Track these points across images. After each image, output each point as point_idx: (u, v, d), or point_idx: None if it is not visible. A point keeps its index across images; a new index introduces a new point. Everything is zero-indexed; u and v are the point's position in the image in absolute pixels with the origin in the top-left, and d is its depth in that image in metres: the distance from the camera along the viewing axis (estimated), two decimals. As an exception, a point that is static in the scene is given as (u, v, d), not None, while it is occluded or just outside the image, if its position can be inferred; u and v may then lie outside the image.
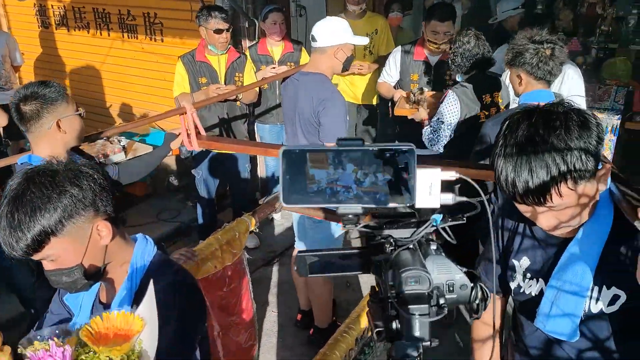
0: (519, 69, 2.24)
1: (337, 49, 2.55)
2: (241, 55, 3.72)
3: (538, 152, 1.02)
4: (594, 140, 1.03)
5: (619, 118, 4.79)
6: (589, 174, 1.03)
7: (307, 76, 2.61)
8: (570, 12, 5.72)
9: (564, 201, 1.04)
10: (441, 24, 3.28)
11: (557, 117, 1.05)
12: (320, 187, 0.78)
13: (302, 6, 4.77)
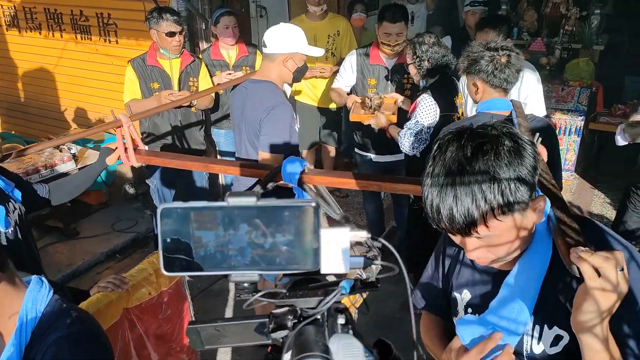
0: (475, 76, 2.17)
1: (286, 58, 2.44)
2: (195, 59, 3.56)
3: (464, 178, 0.93)
4: (526, 169, 0.94)
5: (582, 119, 4.80)
6: (518, 206, 0.94)
7: (256, 84, 2.48)
8: (534, 12, 5.72)
9: (491, 233, 0.95)
10: (393, 25, 3.20)
11: (488, 141, 0.95)
12: (208, 252, 0.65)
13: (262, 7, 4.62)
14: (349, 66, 3.48)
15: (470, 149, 0.95)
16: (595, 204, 4.70)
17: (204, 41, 4.26)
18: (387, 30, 3.22)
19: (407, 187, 1.88)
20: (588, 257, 0.87)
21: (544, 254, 1.04)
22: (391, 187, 1.93)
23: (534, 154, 0.97)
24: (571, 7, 5.51)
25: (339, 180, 1.99)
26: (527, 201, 0.95)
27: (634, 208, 3.02)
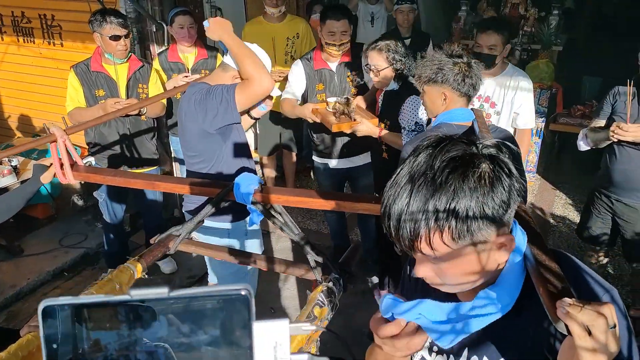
0: (442, 85, 2.04)
1: (236, 75, 2.30)
2: (145, 64, 3.34)
3: (421, 189, 0.83)
4: (494, 202, 0.83)
5: (543, 121, 4.80)
6: (473, 238, 0.83)
7: (196, 85, 2.31)
8: (494, 12, 5.71)
9: (436, 254, 0.86)
10: (337, 23, 3.06)
11: (462, 157, 0.84)
12: (109, 356, 0.50)
13: (217, 7, 4.42)
14: (296, 75, 3.31)
15: (440, 161, 0.84)
16: (557, 205, 4.71)
17: (155, 44, 4.04)
18: (332, 29, 3.08)
19: (369, 206, 1.76)
20: (577, 314, 0.75)
21: (510, 291, 0.92)
22: (351, 206, 1.81)
23: (511, 187, 0.85)
24: (530, 8, 5.53)
25: (297, 199, 1.85)
26: (486, 237, 0.85)
27: (598, 214, 2.99)
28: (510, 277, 0.93)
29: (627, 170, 2.75)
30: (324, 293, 1.75)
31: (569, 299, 0.76)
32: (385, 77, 2.83)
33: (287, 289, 3.61)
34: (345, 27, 3.10)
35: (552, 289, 0.83)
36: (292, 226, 1.92)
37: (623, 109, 2.73)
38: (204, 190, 1.96)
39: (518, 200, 0.88)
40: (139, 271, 1.97)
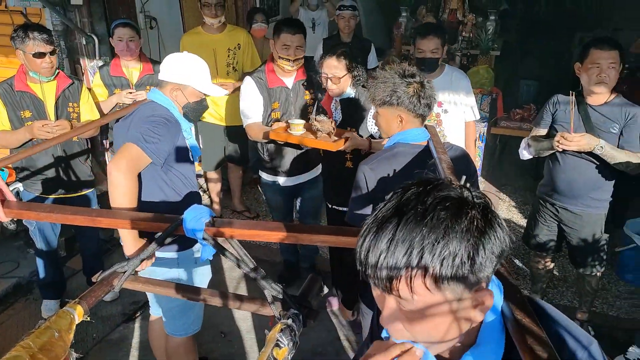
0: (397, 108, 1.98)
1: (174, 87, 2.22)
2: (74, 81, 3.12)
3: (410, 225, 0.76)
4: (483, 252, 0.77)
5: (485, 125, 4.89)
6: (452, 285, 0.77)
7: (140, 106, 2.24)
8: (433, 18, 5.78)
9: (415, 300, 0.78)
10: (292, 37, 2.95)
11: (455, 200, 0.79)
12: None
13: (152, 17, 4.22)
14: (251, 95, 3.08)
15: (432, 198, 0.78)
16: (502, 207, 4.83)
17: (86, 58, 3.79)
18: (286, 42, 2.95)
19: (327, 238, 1.67)
20: None
21: (493, 351, 0.88)
22: (309, 238, 1.72)
23: (503, 240, 0.80)
24: (467, 14, 5.63)
25: (251, 233, 1.74)
26: (469, 287, 0.79)
27: (544, 222, 3.05)
28: (491, 337, 0.88)
29: (571, 179, 2.82)
30: (283, 331, 1.66)
31: None
32: (344, 84, 2.79)
33: (237, 311, 3.48)
34: (300, 41, 2.98)
35: (538, 356, 0.78)
36: (247, 260, 1.80)
37: (564, 117, 2.79)
38: (150, 225, 1.81)
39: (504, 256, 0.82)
40: (80, 315, 1.79)
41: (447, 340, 0.84)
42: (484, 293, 0.81)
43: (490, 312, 0.87)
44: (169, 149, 2.18)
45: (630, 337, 3.08)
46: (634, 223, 3.60)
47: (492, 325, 0.88)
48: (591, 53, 2.62)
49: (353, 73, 2.77)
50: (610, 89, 2.67)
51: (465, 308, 0.81)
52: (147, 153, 2.09)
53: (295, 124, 2.84)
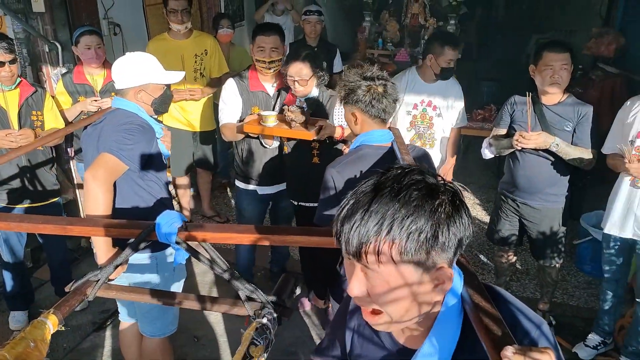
0: (352, 106, 2.10)
1: (137, 91, 2.24)
2: (37, 89, 3.08)
3: (384, 196, 0.85)
4: (448, 234, 0.84)
5: (449, 125, 5.03)
6: (415, 257, 0.84)
7: (110, 113, 2.25)
8: (396, 22, 5.92)
9: (380, 270, 0.85)
10: (267, 39, 2.96)
11: (428, 185, 0.86)
12: None
13: (116, 24, 4.19)
14: (230, 95, 3.06)
15: (408, 179, 0.86)
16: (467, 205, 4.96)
17: (49, 65, 3.74)
18: (261, 44, 2.96)
19: (297, 238, 1.73)
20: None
21: (452, 335, 0.95)
22: (280, 239, 1.77)
23: (466, 227, 0.87)
24: (429, 18, 5.79)
25: (223, 235, 1.78)
26: (429, 264, 0.85)
27: (506, 217, 3.18)
28: (450, 320, 0.95)
29: (530, 175, 2.95)
30: (258, 330, 1.70)
31: (512, 348, 0.78)
32: (311, 85, 2.89)
33: (211, 314, 3.49)
34: (276, 43, 2.98)
35: (494, 337, 0.84)
36: (220, 262, 1.84)
37: (521, 117, 2.93)
38: (122, 232, 1.82)
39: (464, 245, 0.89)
40: (55, 325, 1.80)
41: (408, 319, 0.91)
42: (444, 272, 0.88)
43: (451, 296, 0.94)
44: (145, 155, 2.20)
45: (589, 325, 3.24)
46: (588, 216, 3.79)
47: (450, 310, 0.95)
48: (544, 56, 2.76)
49: (318, 74, 2.88)
50: (563, 89, 2.82)
51: (425, 284, 0.88)
52: (123, 161, 2.11)
53: (268, 115, 2.85)
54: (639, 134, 2.63)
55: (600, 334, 3.10)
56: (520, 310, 0.99)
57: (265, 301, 1.84)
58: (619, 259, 2.90)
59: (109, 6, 4.14)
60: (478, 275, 3.50)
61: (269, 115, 2.84)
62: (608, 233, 2.86)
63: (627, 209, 2.73)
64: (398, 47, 5.66)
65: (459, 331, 0.95)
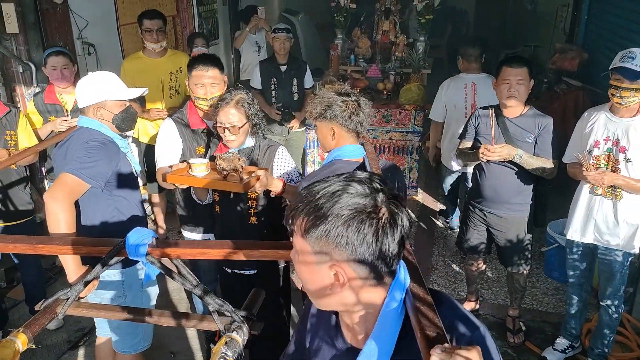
0: (331, 122, 2.15)
1: (95, 108, 2.28)
2: (12, 109, 3.11)
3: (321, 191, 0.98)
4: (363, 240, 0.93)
5: (420, 139, 5.16)
6: (313, 238, 0.96)
7: (75, 132, 2.30)
8: (367, 39, 6.05)
9: (295, 243, 1.02)
10: (205, 73, 2.63)
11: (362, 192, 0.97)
12: None
13: (90, 44, 4.23)
14: (168, 136, 2.71)
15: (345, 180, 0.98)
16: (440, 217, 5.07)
17: (23, 86, 3.76)
18: (199, 80, 2.63)
19: (266, 252, 1.78)
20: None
21: (390, 336, 1.01)
22: (249, 253, 1.82)
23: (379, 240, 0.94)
24: (399, 35, 5.94)
25: (192, 251, 1.82)
26: (324, 250, 0.95)
27: (474, 226, 3.28)
28: (388, 322, 1.01)
29: (496, 186, 3.07)
30: (228, 344, 1.74)
31: (442, 346, 0.84)
32: (243, 134, 2.46)
33: (186, 331, 3.51)
34: (215, 77, 2.65)
35: (428, 335, 0.90)
36: (190, 278, 1.88)
37: (485, 130, 3.04)
38: (92, 250, 1.85)
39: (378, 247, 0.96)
40: (24, 343, 1.81)
41: (313, 293, 1.03)
42: (340, 266, 0.96)
43: (392, 299, 1.01)
44: (109, 172, 2.23)
45: (557, 330, 3.34)
46: (555, 224, 3.92)
47: (390, 312, 1.01)
48: (503, 70, 2.90)
49: (253, 121, 2.45)
50: (522, 102, 2.94)
51: (324, 274, 0.98)
52: (83, 179, 2.14)
53: (197, 163, 2.36)
54: (596, 143, 2.75)
55: (568, 337, 3.20)
56: (462, 315, 1.06)
57: (235, 316, 1.89)
58: (582, 264, 3.02)
59: (83, 26, 4.18)
60: (450, 283, 3.61)
61: (199, 164, 2.36)
62: (570, 239, 2.97)
63: (587, 215, 2.85)
64: (370, 64, 5.78)
65: (397, 333, 1.01)
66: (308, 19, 8.33)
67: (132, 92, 2.37)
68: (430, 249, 4.50)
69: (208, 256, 1.83)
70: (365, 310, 1.03)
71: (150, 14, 3.93)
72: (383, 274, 0.98)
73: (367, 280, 0.98)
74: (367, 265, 0.96)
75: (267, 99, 4.61)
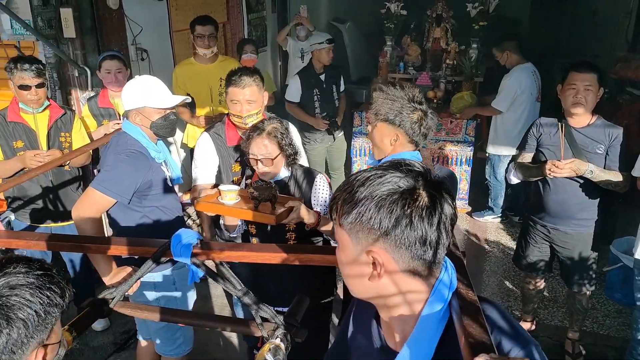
0: (397, 128, 2.04)
1: (134, 114, 2.30)
2: (66, 112, 3.16)
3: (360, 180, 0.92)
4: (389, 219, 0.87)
5: (471, 149, 4.99)
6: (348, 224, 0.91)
7: (116, 135, 2.36)
8: (417, 46, 5.93)
9: (336, 232, 0.98)
10: (241, 90, 2.49)
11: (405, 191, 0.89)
12: None
13: (143, 49, 4.30)
14: (206, 154, 2.63)
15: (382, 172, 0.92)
16: (490, 230, 4.87)
17: (78, 89, 3.85)
18: (235, 97, 2.52)
19: (313, 256, 1.72)
20: None
21: (430, 341, 0.93)
22: (295, 257, 1.75)
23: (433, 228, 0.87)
24: (451, 42, 5.78)
25: (238, 254, 1.77)
26: (361, 238, 0.91)
27: (535, 243, 3.07)
28: (429, 326, 0.93)
29: (562, 200, 2.86)
30: (272, 352, 1.67)
31: (487, 355, 0.75)
32: (277, 166, 2.28)
33: (232, 337, 3.47)
34: (252, 94, 2.52)
35: (472, 342, 0.81)
36: (235, 282, 1.83)
37: (549, 141, 2.85)
38: (137, 250, 1.84)
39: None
40: (69, 342, 1.80)
41: (359, 294, 0.98)
42: (375, 250, 0.90)
43: (436, 301, 0.93)
44: (135, 185, 2.23)
45: (620, 355, 3.11)
46: (619, 242, 3.66)
47: (433, 315, 0.93)
48: (570, 75, 2.71)
49: (287, 152, 2.27)
50: (589, 110, 2.75)
51: (363, 262, 0.92)
52: (109, 195, 2.17)
53: (227, 190, 2.19)
54: (670, 155, 2.55)
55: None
56: (513, 326, 0.97)
57: (279, 322, 1.82)
58: (652, 286, 2.79)
59: (137, 32, 4.26)
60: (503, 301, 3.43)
61: (229, 191, 2.19)
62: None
63: (660, 234, 2.63)
64: (419, 71, 5.66)
65: (436, 339, 0.93)
66: (356, 26, 8.28)
67: (171, 101, 2.34)
68: (481, 264, 4.31)
69: (253, 259, 1.78)
70: (405, 309, 0.95)
71: (202, 20, 3.96)
72: (423, 265, 0.90)
73: (406, 270, 0.90)
74: (404, 251, 0.88)
75: (308, 110, 4.59)
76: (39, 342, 1.02)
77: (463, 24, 5.86)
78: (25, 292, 0.99)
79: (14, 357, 0.96)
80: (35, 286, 1.00)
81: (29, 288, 0.99)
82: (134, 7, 4.19)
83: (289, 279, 2.31)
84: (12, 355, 0.96)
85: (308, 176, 2.35)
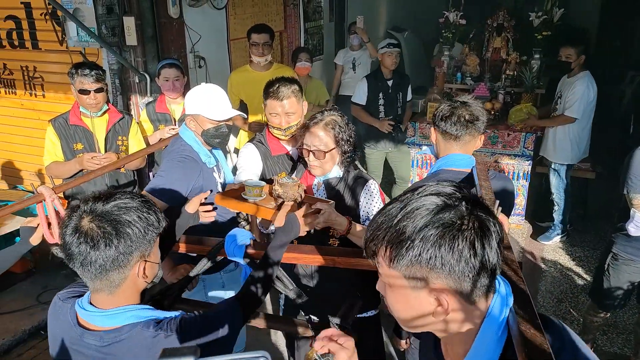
0: (435, 126, 2.12)
1: (190, 119, 2.35)
2: (124, 116, 3.29)
3: (398, 209, 0.89)
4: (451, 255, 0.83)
5: (529, 164, 4.80)
6: (403, 266, 0.86)
7: (173, 139, 2.44)
8: (476, 56, 5.77)
9: (382, 272, 0.92)
10: (280, 103, 2.40)
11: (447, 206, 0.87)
12: None
13: (201, 57, 4.43)
14: (250, 162, 2.55)
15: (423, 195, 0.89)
16: (548, 248, 4.65)
17: (138, 95, 4.00)
18: (274, 110, 2.44)
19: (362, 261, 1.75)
20: None
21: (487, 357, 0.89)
22: (345, 261, 1.79)
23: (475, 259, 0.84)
24: (511, 52, 5.60)
25: (289, 256, 1.84)
26: (419, 276, 0.86)
27: (625, 280, 2.82)
28: (486, 345, 0.89)
29: None
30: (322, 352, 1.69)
31: None
32: (329, 161, 2.15)
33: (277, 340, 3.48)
34: (292, 107, 2.44)
35: None
36: (287, 282, 1.86)
37: None
38: (193, 248, 1.97)
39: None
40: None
41: (410, 323, 0.93)
42: (439, 287, 0.86)
43: (491, 322, 0.89)
44: (185, 190, 2.26)
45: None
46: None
47: (489, 334, 0.89)
48: None
49: (342, 148, 2.14)
50: None
51: (423, 298, 0.88)
52: (161, 200, 2.20)
53: (252, 186, 2.06)
54: None
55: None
56: (581, 350, 0.91)
57: (332, 324, 1.80)
58: None
59: (196, 40, 4.38)
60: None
61: (253, 187, 2.05)
62: None
63: None
64: (477, 82, 5.50)
65: (497, 357, 0.90)
66: (414, 36, 8.19)
67: (224, 114, 2.32)
68: (535, 285, 4.12)
69: (304, 261, 1.80)
70: (465, 330, 0.91)
71: (258, 29, 4.03)
72: (485, 289, 0.88)
73: (470, 299, 0.87)
74: (469, 283, 0.85)
75: (373, 113, 4.72)
76: (141, 255, 1.27)
77: (525, 33, 5.67)
78: (131, 212, 1.25)
79: (121, 264, 1.23)
80: (138, 209, 1.26)
81: (134, 210, 1.25)
82: (194, 16, 4.32)
83: (332, 286, 2.27)
84: (120, 262, 1.23)
85: (360, 179, 2.21)
